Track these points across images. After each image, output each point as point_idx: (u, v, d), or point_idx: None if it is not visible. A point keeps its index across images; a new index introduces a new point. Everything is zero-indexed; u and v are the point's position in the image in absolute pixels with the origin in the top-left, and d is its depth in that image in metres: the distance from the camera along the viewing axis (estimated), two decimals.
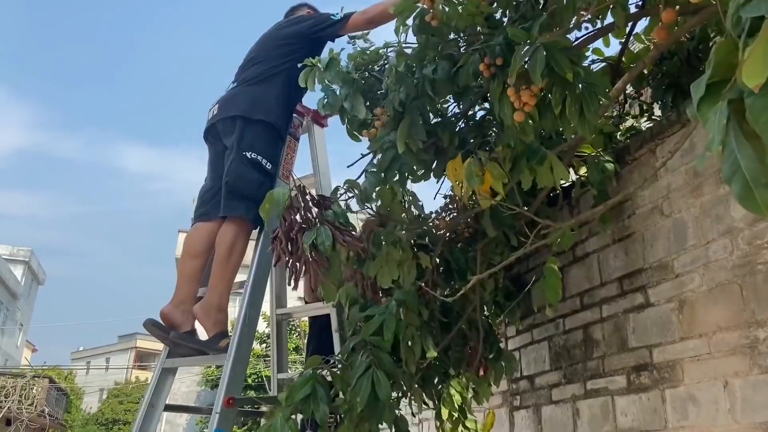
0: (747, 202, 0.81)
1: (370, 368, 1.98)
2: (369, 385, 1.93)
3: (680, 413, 2.05)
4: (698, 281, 2.04)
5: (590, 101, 1.78)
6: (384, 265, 2.15)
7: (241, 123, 2.74)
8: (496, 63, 1.90)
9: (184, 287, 2.67)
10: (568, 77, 1.70)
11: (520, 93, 1.77)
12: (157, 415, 2.55)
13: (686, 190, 2.14)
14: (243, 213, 2.64)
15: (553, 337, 2.84)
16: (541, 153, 1.93)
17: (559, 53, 1.71)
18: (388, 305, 2.13)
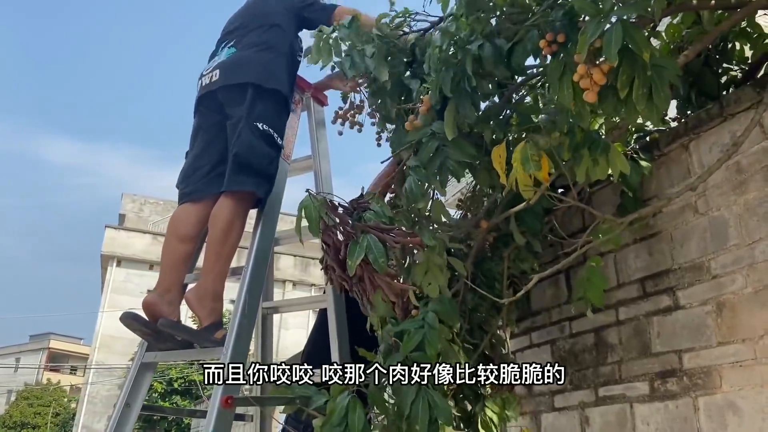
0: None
1: (421, 389, 1.75)
2: (426, 410, 1.71)
3: (717, 422, 1.93)
4: (741, 283, 1.93)
5: (660, 85, 1.64)
6: (427, 272, 1.92)
7: (252, 91, 2.47)
8: (558, 40, 1.74)
9: (170, 274, 2.36)
10: (645, 57, 1.55)
11: (591, 70, 1.61)
12: (134, 416, 2.23)
13: (726, 187, 2.03)
14: (253, 188, 2.36)
15: (557, 340, 2.70)
16: (603, 143, 1.77)
17: (636, 30, 1.57)
18: (424, 317, 1.91)
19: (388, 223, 1.86)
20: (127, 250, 21.57)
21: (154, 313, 2.29)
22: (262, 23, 2.68)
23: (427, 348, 1.89)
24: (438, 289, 1.94)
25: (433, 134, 1.92)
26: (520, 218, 2.32)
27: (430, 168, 1.90)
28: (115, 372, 19.41)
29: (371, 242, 1.76)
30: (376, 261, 1.74)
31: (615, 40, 1.48)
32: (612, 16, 1.56)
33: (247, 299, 2.16)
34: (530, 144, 1.73)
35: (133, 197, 25.59)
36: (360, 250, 1.75)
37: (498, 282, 2.40)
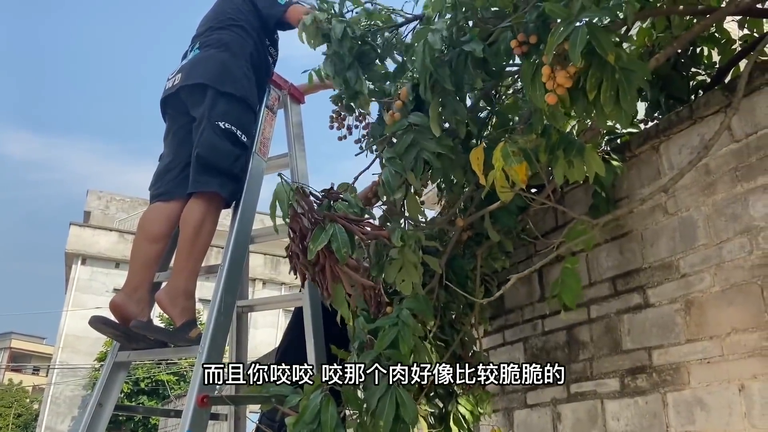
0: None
1: (391, 387, 1.76)
2: (393, 407, 1.72)
3: (685, 417, 1.98)
4: (709, 281, 1.98)
5: (627, 88, 1.67)
6: (402, 269, 1.93)
7: (212, 93, 2.47)
8: (530, 41, 1.76)
9: (139, 274, 2.33)
10: (610, 59, 1.58)
11: (555, 73, 1.64)
12: (106, 416, 2.20)
13: (695, 188, 2.08)
14: (216, 188, 2.35)
15: (530, 338, 2.73)
16: (578, 144, 1.80)
17: (602, 33, 1.59)
18: (399, 314, 1.91)
19: (358, 214, 1.86)
20: (92, 248, 21.14)
21: (122, 314, 2.26)
22: (225, 24, 2.68)
23: (401, 345, 1.90)
24: (412, 287, 1.95)
25: (409, 126, 1.93)
26: (495, 216, 2.35)
27: (405, 159, 1.91)
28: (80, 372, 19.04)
29: (337, 231, 1.76)
30: (339, 251, 1.74)
31: (579, 42, 1.50)
32: (581, 18, 1.59)
33: (224, 297, 2.15)
34: (510, 142, 1.75)
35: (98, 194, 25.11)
36: (324, 237, 1.75)
37: (470, 280, 2.42)
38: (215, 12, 2.84)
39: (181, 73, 2.58)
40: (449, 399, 2.44)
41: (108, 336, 2.29)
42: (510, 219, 2.33)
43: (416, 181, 1.95)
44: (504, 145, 1.72)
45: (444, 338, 2.49)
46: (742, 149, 1.95)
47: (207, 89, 2.48)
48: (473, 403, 2.42)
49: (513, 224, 2.35)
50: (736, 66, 2.52)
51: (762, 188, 1.88)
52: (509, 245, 2.51)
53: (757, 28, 2.54)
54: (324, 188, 1.94)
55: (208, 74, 2.51)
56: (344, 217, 1.80)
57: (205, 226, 2.30)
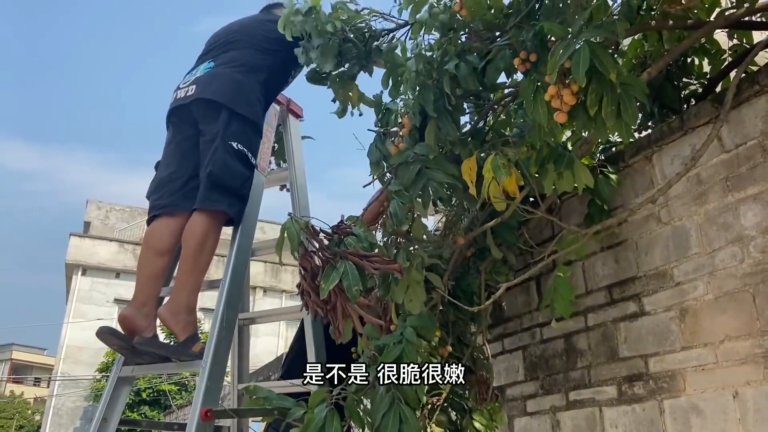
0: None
1: (394, 403, 1.79)
2: (396, 424, 1.75)
3: (681, 424, 2.02)
4: (702, 289, 2.02)
5: (628, 103, 1.72)
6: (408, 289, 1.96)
7: (227, 113, 2.50)
8: (530, 59, 1.81)
9: (147, 288, 2.36)
10: (612, 78, 1.63)
11: (561, 91, 1.68)
12: (111, 431, 2.23)
13: (688, 197, 2.12)
14: (225, 207, 2.38)
15: (529, 346, 2.77)
16: (568, 157, 1.84)
17: (603, 51, 1.64)
18: (402, 332, 1.95)
19: (368, 249, 1.89)
20: (92, 259, 21.14)
21: (131, 327, 2.29)
22: (247, 44, 2.70)
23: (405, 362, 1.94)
24: (419, 306, 1.99)
25: (415, 156, 1.97)
26: (496, 233, 2.38)
27: (413, 190, 1.94)
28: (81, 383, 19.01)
29: (348, 268, 1.79)
30: (350, 289, 1.77)
31: (583, 62, 1.54)
32: (580, 37, 1.63)
33: (225, 312, 2.19)
34: (500, 155, 1.79)
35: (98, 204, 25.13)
36: (336, 275, 1.78)
37: (476, 295, 2.46)
38: (239, 31, 2.86)
39: (195, 85, 2.59)
40: (463, 415, 2.46)
41: (113, 348, 2.32)
42: (510, 234, 2.37)
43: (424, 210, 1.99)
44: (494, 158, 1.76)
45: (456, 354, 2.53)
46: (733, 159, 1.99)
47: (222, 108, 2.50)
48: (487, 417, 2.44)
49: (514, 239, 2.39)
50: (727, 76, 2.56)
51: (752, 198, 1.92)
52: (512, 258, 2.54)
53: (747, 38, 2.58)
54: (333, 224, 1.97)
55: (225, 93, 2.53)
56: (355, 253, 1.84)
57: (208, 243, 2.33)
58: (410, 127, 2.02)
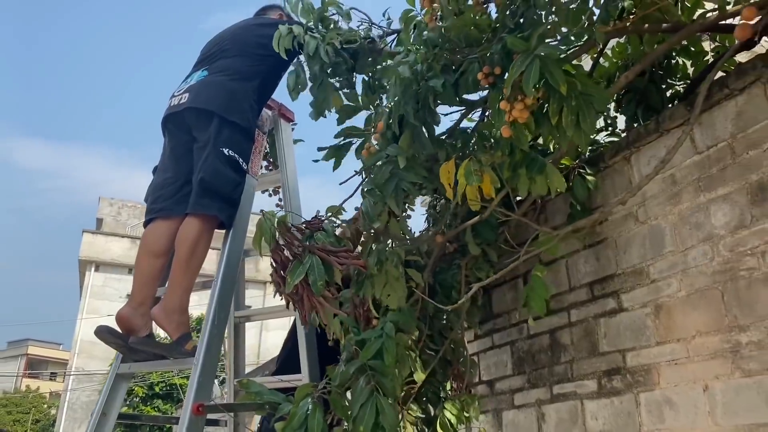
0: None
1: (373, 394, 1.88)
2: (373, 414, 1.84)
3: (656, 416, 2.09)
4: (676, 287, 2.09)
5: (587, 112, 1.79)
6: (386, 284, 2.05)
7: (218, 120, 2.58)
8: (495, 72, 1.88)
9: (144, 288, 2.47)
10: (562, 90, 1.70)
11: (513, 105, 1.76)
12: (110, 425, 2.34)
13: (663, 197, 2.19)
14: (216, 212, 2.48)
15: (516, 341, 2.84)
16: (540, 162, 1.91)
17: (554, 65, 1.70)
18: (383, 327, 2.03)
19: (336, 244, 1.98)
20: (105, 255, 21.43)
21: (128, 326, 2.39)
22: (240, 52, 2.77)
23: (385, 356, 2.02)
24: (397, 301, 2.07)
25: (387, 158, 2.05)
26: (475, 230, 2.46)
27: (385, 190, 2.02)
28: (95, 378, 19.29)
29: (314, 263, 1.88)
30: (315, 283, 1.86)
31: (532, 77, 1.61)
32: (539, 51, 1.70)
33: (217, 311, 2.28)
34: (474, 161, 1.87)
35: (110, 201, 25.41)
36: (302, 270, 1.87)
37: (455, 290, 2.54)
38: (231, 38, 2.93)
39: (188, 93, 2.68)
40: (437, 404, 2.55)
41: (111, 346, 2.42)
42: (490, 232, 2.44)
43: (398, 208, 2.07)
44: (468, 163, 1.83)
45: (434, 347, 2.61)
46: (704, 161, 2.05)
47: (213, 116, 2.59)
48: (459, 407, 2.53)
49: (493, 237, 2.46)
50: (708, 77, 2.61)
51: (722, 198, 1.98)
52: (493, 255, 2.62)
53: (728, 40, 2.63)
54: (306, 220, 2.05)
55: (217, 102, 2.62)
56: (322, 248, 1.92)
57: (199, 246, 2.43)
58: (381, 131, 2.10)
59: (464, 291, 2.56)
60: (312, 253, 1.91)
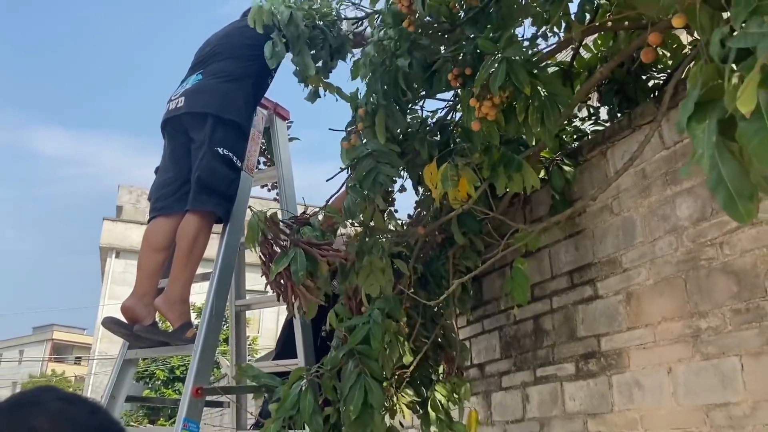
0: (731, 211, 0.92)
1: (361, 377, 2.03)
2: (362, 394, 1.99)
3: (626, 397, 2.22)
4: (645, 275, 2.20)
5: (551, 111, 1.90)
6: (369, 275, 2.19)
7: (212, 120, 2.73)
8: (465, 73, 2.00)
9: (146, 281, 2.64)
10: (526, 91, 1.81)
11: (482, 103, 1.88)
12: (119, 407, 2.53)
13: (635, 191, 2.30)
14: (212, 208, 2.65)
15: (504, 327, 2.98)
16: (516, 161, 2.03)
17: (519, 67, 1.81)
18: (370, 313, 2.18)
19: (320, 237, 2.13)
20: (125, 242, 21.81)
21: (132, 316, 2.57)
22: (232, 54, 2.92)
23: (372, 341, 2.17)
24: (378, 289, 2.21)
25: (369, 153, 2.18)
26: (461, 221, 2.59)
27: (365, 184, 2.16)
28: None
29: (298, 255, 2.03)
30: (296, 273, 2.02)
31: (499, 78, 1.73)
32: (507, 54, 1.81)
33: (215, 302, 2.45)
34: (450, 165, 1.99)
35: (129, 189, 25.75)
36: (285, 261, 2.02)
37: (445, 279, 2.67)
38: (223, 41, 3.07)
39: (184, 97, 2.84)
40: (428, 386, 2.70)
41: (118, 335, 2.60)
42: (474, 223, 2.57)
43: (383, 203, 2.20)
44: (445, 168, 1.96)
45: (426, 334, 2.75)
46: (671, 155, 2.16)
47: (208, 117, 2.75)
48: (449, 389, 2.67)
49: (477, 227, 2.59)
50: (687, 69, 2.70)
51: (686, 191, 2.09)
52: (480, 245, 2.74)
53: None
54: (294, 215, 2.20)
55: (211, 104, 2.77)
56: (307, 242, 2.07)
57: (199, 240, 2.59)
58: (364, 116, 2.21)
59: (452, 279, 2.69)
60: (296, 246, 2.06)
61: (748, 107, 0.84)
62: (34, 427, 0.73)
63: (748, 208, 0.91)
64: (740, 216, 0.92)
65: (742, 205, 0.92)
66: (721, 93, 0.95)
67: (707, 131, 0.97)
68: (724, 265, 1.93)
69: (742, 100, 0.83)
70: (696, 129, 1.00)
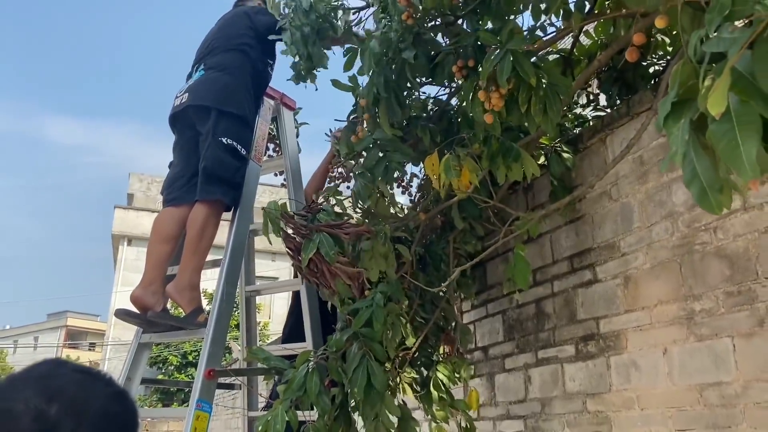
0: (704, 203, 0.99)
1: (365, 359, 2.11)
2: (365, 376, 2.07)
3: (624, 377, 2.29)
4: (642, 259, 2.27)
5: (553, 101, 1.95)
6: (371, 259, 2.27)
7: (215, 113, 2.83)
8: (468, 65, 2.05)
9: (154, 270, 2.74)
10: (532, 82, 1.87)
11: (490, 95, 1.93)
12: (134, 388, 2.63)
13: (633, 177, 2.35)
14: (220, 196, 2.74)
15: (507, 311, 3.05)
16: (515, 150, 2.09)
17: (524, 59, 1.87)
18: (373, 297, 2.25)
19: (336, 219, 2.21)
20: (136, 230, 22.06)
21: (142, 304, 2.67)
22: (227, 46, 3.01)
23: (374, 324, 2.25)
24: (378, 273, 2.29)
25: (375, 142, 2.25)
26: (461, 206, 2.65)
27: (376, 172, 2.23)
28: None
29: (323, 238, 2.12)
30: (328, 254, 2.09)
31: (506, 69, 1.79)
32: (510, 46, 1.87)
33: (225, 287, 2.54)
34: (452, 156, 2.06)
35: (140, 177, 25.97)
36: (312, 246, 2.11)
37: (444, 263, 2.74)
38: (218, 35, 3.16)
39: (188, 93, 2.94)
40: (430, 366, 2.78)
41: (132, 324, 2.70)
42: (474, 208, 2.63)
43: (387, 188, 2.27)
44: (447, 159, 2.03)
45: (425, 316, 2.82)
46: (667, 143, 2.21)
47: (211, 110, 2.83)
48: (450, 369, 2.75)
49: (477, 213, 2.65)
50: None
51: (682, 178, 2.13)
52: (480, 230, 2.81)
53: None
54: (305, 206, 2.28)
55: (212, 97, 2.86)
56: (327, 225, 2.16)
57: (208, 228, 2.68)
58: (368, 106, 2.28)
59: (453, 263, 2.76)
60: (319, 232, 2.15)
61: (717, 109, 0.89)
62: (70, 396, 0.81)
63: (719, 200, 0.97)
64: (712, 208, 0.99)
65: (713, 198, 0.98)
66: (697, 92, 1.01)
67: (682, 129, 1.02)
68: (718, 249, 1.98)
69: (712, 102, 0.89)
70: (672, 127, 1.05)
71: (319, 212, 2.25)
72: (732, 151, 0.89)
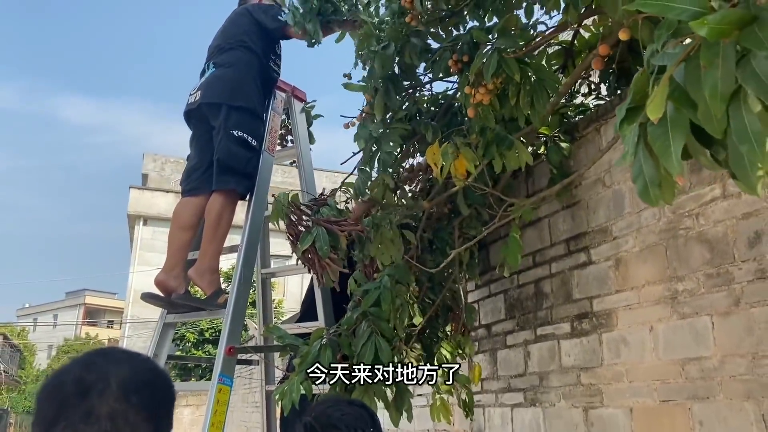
0: (645, 197, 1.15)
1: (372, 335, 2.30)
2: (372, 351, 2.26)
3: (614, 353, 2.45)
4: (632, 243, 2.42)
5: (540, 95, 2.10)
6: (381, 245, 2.44)
7: (225, 108, 3.01)
8: (463, 59, 2.20)
9: (175, 256, 2.94)
10: (516, 78, 2.02)
11: (477, 90, 2.08)
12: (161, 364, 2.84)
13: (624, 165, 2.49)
14: (234, 186, 2.92)
15: (509, 290, 3.22)
16: (508, 140, 2.24)
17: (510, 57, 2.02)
18: (381, 279, 2.43)
19: (337, 215, 2.38)
20: (151, 209, 22.37)
21: (165, 288, 2.89)
22: (233, 45, 3.18)
23: (382, 304, 2.43)
24: (389, 258, 2.46)
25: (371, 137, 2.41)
26: (466, 193, 2.81)
27: (370, 165, 2.40)
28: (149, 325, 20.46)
29: (320, 233, 2.29)
30: (321, 248, 2.28)
31: (491, 67, 1.94)
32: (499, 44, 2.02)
33: (243, 271, 2.73)
34: (450, 144, 2.21)
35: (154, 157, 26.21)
36: (309, 239, 2.29)
37: (449, 247, 2.91)
38: (224, 34, 3.35)
39: (200, 90, 3.13)
40: (435, 343, 2.96)
41: (158, 306, 2.91)
42: (477, 196, 2.79)
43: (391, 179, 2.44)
44: (446, 146, 2.18)
45: (432, 297, 3.00)
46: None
47: (222, 105, 3.01)
48: (454, 346, 2.93)
49: (481, 200, 2.81)
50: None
51: None
52: (484, 214, 2.97)
53: None
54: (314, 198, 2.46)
55: (223, 93, 3.05)
56: (326, 220, 2.34)
57: (224, 216, 2.87)
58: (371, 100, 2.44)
59: (459, 246, 2.93)
60: (318, 225, 2.32)
61: (655, 115, 1.04)
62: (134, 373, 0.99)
63: (657, 194, 1.13)
64: (651, 200, 1.15)
65: (653, 192, 1.14)
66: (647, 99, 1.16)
67: (633, 132, 1.18)
68: (699, 234, 2.13)
69: (651, 108, 1.04)
70: (626, 130, 1.20)
71: (323, 206, 2.43)
72: (665, 151, 1.04)
